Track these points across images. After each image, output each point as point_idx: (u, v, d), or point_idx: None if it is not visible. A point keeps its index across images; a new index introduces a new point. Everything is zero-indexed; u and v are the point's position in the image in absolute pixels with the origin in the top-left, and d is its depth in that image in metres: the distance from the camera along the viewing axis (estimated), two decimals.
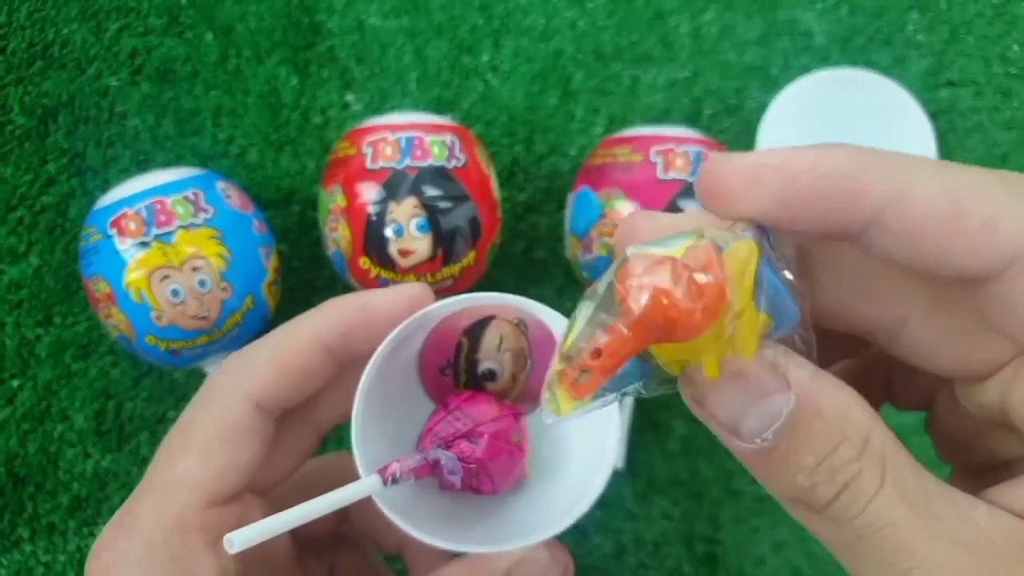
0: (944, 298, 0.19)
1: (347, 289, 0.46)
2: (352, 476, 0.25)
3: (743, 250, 0.17)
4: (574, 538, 0.47)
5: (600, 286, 0.17)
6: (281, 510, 0.28)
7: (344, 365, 0.26)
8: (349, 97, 0.49)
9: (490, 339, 0.27)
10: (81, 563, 0.44)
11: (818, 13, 0.51)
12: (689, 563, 0.46)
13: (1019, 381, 0.18)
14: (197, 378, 0.45)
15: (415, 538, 0.23)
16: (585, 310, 0.17)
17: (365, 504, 0.24)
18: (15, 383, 0.45)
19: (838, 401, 0.17)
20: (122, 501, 0.44)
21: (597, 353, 0.16)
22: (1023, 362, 0.18)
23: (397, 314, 0.25)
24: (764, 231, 0.17)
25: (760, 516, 0.47)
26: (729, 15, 0.51)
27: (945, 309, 0.19)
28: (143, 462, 0.45)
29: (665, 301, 0.16)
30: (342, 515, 0.31)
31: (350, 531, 0.33)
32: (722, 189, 0.18)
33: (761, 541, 0.47)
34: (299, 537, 0.29)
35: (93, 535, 0.44)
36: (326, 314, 0.25)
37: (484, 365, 0.27)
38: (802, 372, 0.17)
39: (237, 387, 0.25)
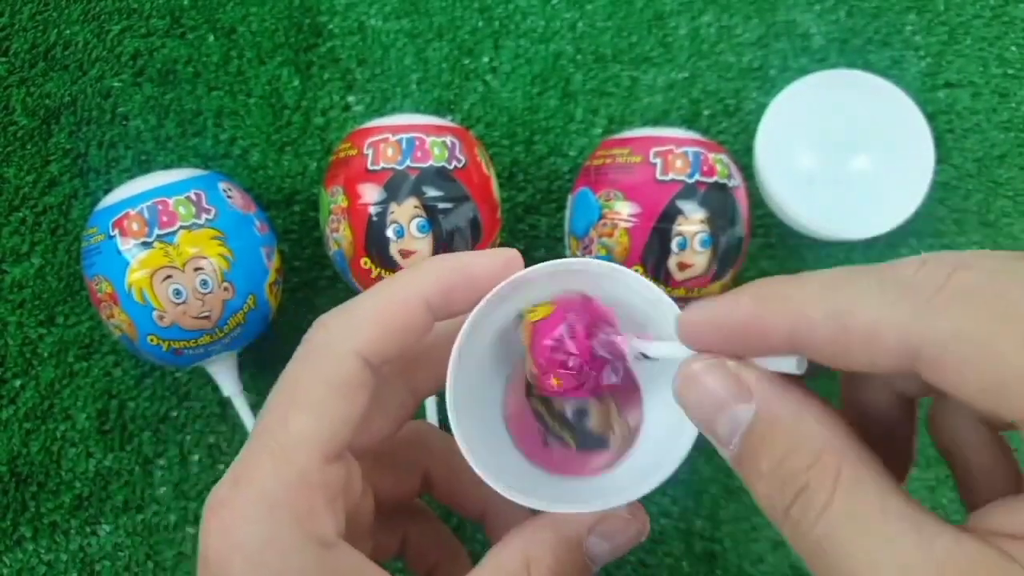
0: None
1: (348, 290, 0.46)
2: (434, 441, 0.28)
3: None
4: None
5: None
6: (370, 476, 0.28)
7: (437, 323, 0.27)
8: (350, 98, 0.49)
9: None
10: (83, 562, 0.44)
11: (816, 15, 0.51)
12: (688, 561, 0.47)
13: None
14: (200, 377, 0.46)
15: (497, 503, 0.24)
16: None
17: (448, 470, 0.24)
18: (17, 382, 0.45)
19: (795, 414, 0.19)
20: (125, 500, 0.44)
21: None
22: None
23: (494, 276, 0.26)
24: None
25: (759, 515, 0.47)
26: (727, 17, 0.51)
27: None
28: (145, 461, 0.45)
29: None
30: (425, 482, 0.32)
31: (421, 504, 0.33)
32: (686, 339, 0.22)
33: (760, 539, 0.47)
34: (377, 504, 0.29)
35: (96, 534, 0.44)
36: (428, 273, 0.26)
37: (569, 407, 0.28)
38: (764, 383, 0.20)
39: (343, 343, 0.25)
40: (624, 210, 0.41)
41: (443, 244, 0.40)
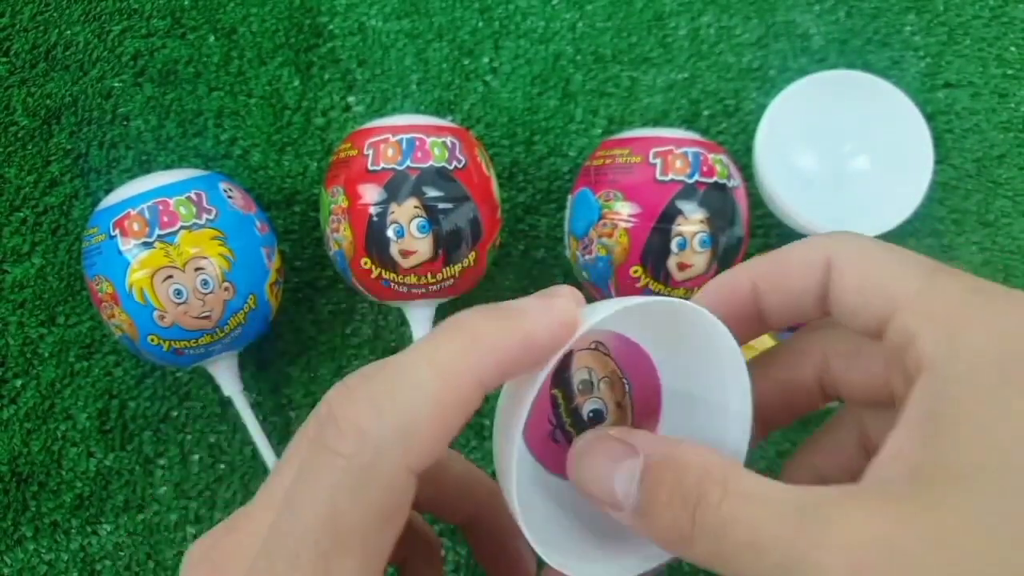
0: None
1: (349, 289, 0.47)
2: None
3: None
4: None
5: None
6: None
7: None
8: (351, 99, 0.49)
9: (579, 377, 0.26)
10: (84, 562, 0.44)
11: (816, 15, 0.51)
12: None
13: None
14: (200, 377, 0.46)
15: (487, 516, 0.22)
16: None
17: (429, 478, 0.22)
18: (18, 382, 0.45)
19: (671, 449, 0.22)
20: (125, 499, 0.45)
21: None
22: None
23: (555, 342, 0.22)
24: None
25: None
26: (727, 17, 0.51)
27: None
28: (146, 460, 0.45)
29: None
30: None
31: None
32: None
33: None
34: None
35: (96, 533, 0.44)
36: (483, 345, 0.21)
37: (588, 407, 0.26)
38: (645, 438, 0.22)
39: (394, 461, 0.20)
40: (624, 210, 0.41)
41: (443, 244, 0.40)
